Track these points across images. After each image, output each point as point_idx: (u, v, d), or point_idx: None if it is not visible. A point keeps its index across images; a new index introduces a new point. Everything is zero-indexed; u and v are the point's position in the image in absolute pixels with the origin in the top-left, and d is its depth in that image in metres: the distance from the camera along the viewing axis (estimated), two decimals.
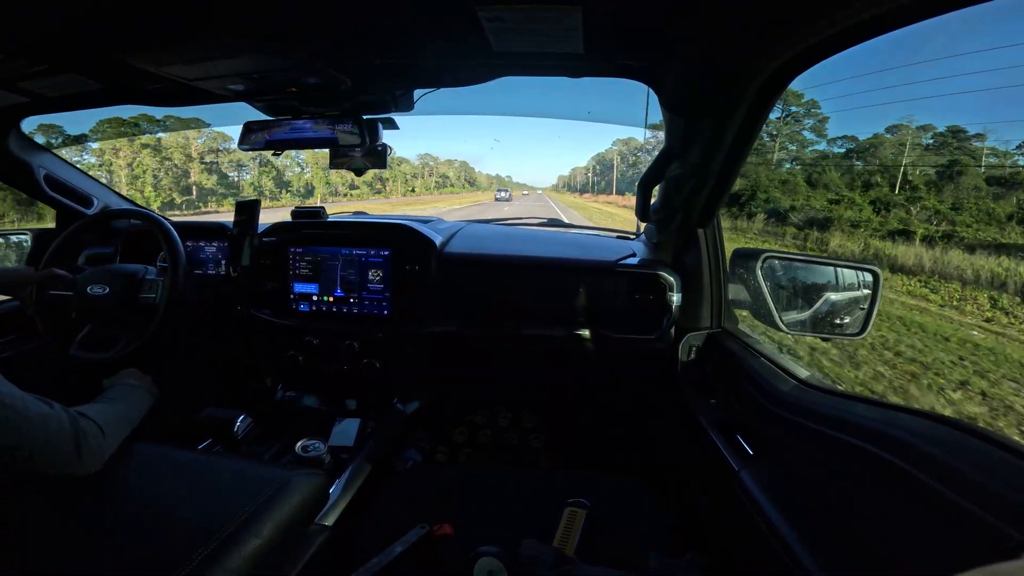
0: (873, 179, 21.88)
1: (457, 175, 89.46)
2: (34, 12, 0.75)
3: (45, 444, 0.70)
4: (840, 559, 0.60)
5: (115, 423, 0.85)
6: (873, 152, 23.62)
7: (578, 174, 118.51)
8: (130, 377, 1.05)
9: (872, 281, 1.03)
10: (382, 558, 0.83)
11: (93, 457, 0.77)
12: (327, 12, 0.78)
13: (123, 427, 0.88)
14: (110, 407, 0.88)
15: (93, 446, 0.77)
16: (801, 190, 20.63)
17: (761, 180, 21.16)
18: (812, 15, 0.58)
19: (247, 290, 1.46)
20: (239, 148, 1.23)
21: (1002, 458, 0.48)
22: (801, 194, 20.28)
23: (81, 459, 0.75)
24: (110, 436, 0.82)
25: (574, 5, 0.68)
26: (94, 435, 0.78)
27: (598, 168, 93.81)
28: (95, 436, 0.78)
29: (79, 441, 0.74)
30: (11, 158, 1.39)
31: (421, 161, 78.28)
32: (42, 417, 0.71)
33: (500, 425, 1.72)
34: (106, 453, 0.80)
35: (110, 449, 0.82)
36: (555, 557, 0.78)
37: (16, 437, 0.67)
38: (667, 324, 1.25)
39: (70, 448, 0.73)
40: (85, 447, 0.75)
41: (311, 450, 1.14)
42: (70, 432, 0.74)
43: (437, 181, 78.48)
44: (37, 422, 0.69)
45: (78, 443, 0.74)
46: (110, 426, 0.83)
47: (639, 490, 1.02)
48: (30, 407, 0.70)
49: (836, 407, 0.72)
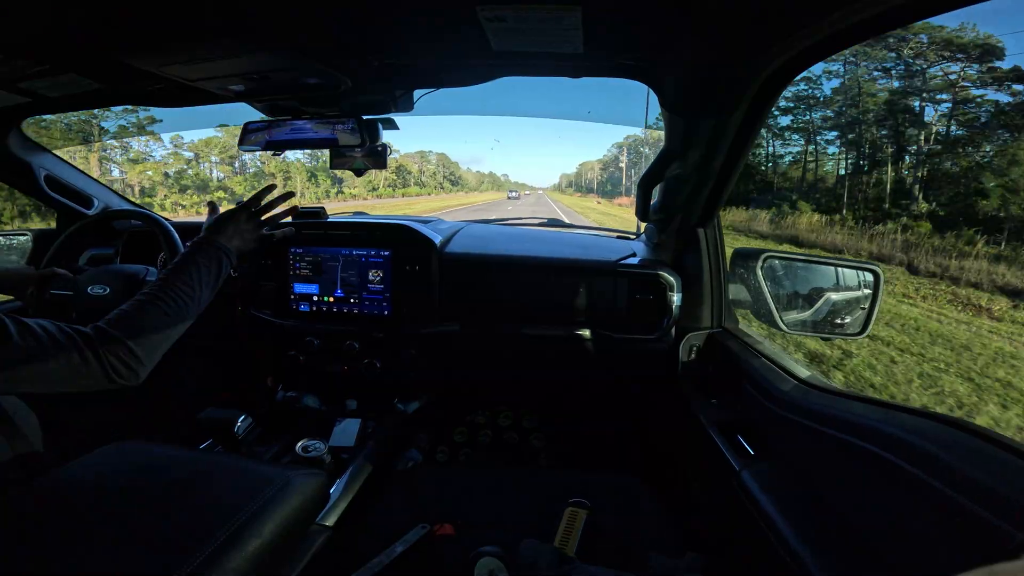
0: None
1: (432, 172, 69.48)
2: (34, 12, 0.75)
3: (39, 365, 0.64)
4: (841, 559, 0.60)
5: (139, 314, 0.75)
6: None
7: (589, 170, 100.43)
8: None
9: (873, 281, 1.03)
10: (383, 558, 0.83)
11: (126, 368, 0.70)
12: (327, 13, 0.78)
13: (160, 314, 0.76)
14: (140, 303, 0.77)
15: (122, 356, 0.69)
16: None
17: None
18: (812, 15, 0.58)
19: (248, 290, 1.46)
20: (239, 148, 1.23)
21: (1002, 458, 0.48)
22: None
23: (108, 376, 0.69)
24: (145, 340, 0.73)
25: (574, 5, 0.68)
26: (120, 342, 0.69)
27: (621, 162, 71.02)
28: (122, 344, 0.69)
29: (85, 353, 0.67)
30: (11, 158, 1.39)
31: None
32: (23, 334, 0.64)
33: (500, 425, 1.72)
34: (145, 363, 0.72)
35: (152, 356, 0.74)
36: (555, 557, 0.78)
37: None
38: (667, 324, 1.25)
39: (76, 361, 0.67)
40: (101, 357, 0.68)
41: (311, 450, 1.14)
42: (67, 344, 0.67)
43: (390, 179, 56.80)
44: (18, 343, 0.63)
45: (85, 355, 0.67)
46: (129, 317, 0.73)
47: (640, 490, 1.02)
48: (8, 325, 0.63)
49: (837, 407, 0.72)
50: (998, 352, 5.93)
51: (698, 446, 1.02)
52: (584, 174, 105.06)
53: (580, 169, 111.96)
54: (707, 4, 0.64)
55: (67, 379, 0.68)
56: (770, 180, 17.57)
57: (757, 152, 17.40)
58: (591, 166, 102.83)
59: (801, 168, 17.39)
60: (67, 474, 0.83)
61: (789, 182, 17.39)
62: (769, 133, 17.38)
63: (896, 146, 15.48)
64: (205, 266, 0.86)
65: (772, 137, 17.70)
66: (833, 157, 17.32)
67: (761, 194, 17.02)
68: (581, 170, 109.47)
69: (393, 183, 51.49)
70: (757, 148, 17.68)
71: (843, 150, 17.03)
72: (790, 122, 17.71)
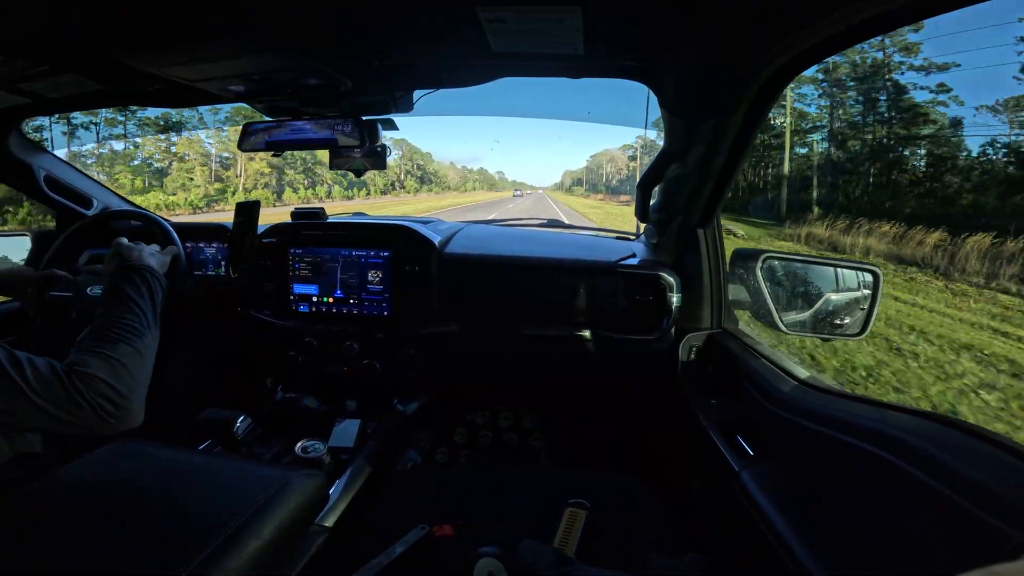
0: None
1: (397, 167, 46.85)
2: (34, 12, 0.75)
3: (30, 403, 0.63)
4: (840, 559, 0.60)
5: (121, 351, 0.73)
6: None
7: (608, 161, 70.74)
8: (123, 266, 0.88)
9: (872, 281, 1.03)
10: (382, 559, 0.83)
11: (112, 405, 0.68)
12: (327, 13, 0.78)
13: (135, 348, 0.75)
14: (111, 332, 0.75)
15: (103, 391, 0.67)
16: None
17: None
18: (812, 15, 0.58)
19: (247, 291, 1.46)
20: (239, 149, 1.23)
21: (1002, 458, 0.48)
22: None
23: (98, 414, 0.67)
24: (122, 372, 0.71)
25: (574, 5, 0.68)
26: (97, 379, 0.67)
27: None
28: (99, 380, 0.67)
29: (72, 392, 0.65)
30: (11, 159, 1.39)
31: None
32: (13, 365, 0.63)
33: (500, 426, 1.71)
34: (129, 396, 0.70)
35: (133, 388, 0.71)
36: (555, 558, 0.78)
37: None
38: (667, 324, 1.25)
39: (67, 400, 0.65)
40: (88, 398, 0.66)
41: (311, 451, 1.14)
42: (56, 382, 0.65)
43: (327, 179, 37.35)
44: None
45: (72, 394, 0.65)
46: (113, 360, 0.71)
47: (639, 491, 1.02)
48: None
49: (836, 407, 0.72)
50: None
51: (698, 447, 1.02)
52: (600, 168, 74.84)
53: (592, 163, 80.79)
54: (707, 4, 0.64)
55: (56, 417, 0.65)
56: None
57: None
58: (611, 156, 70.21)
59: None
60: (67, 474, 0.83)
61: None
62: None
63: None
64: (135, 291, 0.84)
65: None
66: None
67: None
68: (594, 164, 79.20)
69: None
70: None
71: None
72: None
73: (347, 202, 32.95)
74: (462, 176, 77.39)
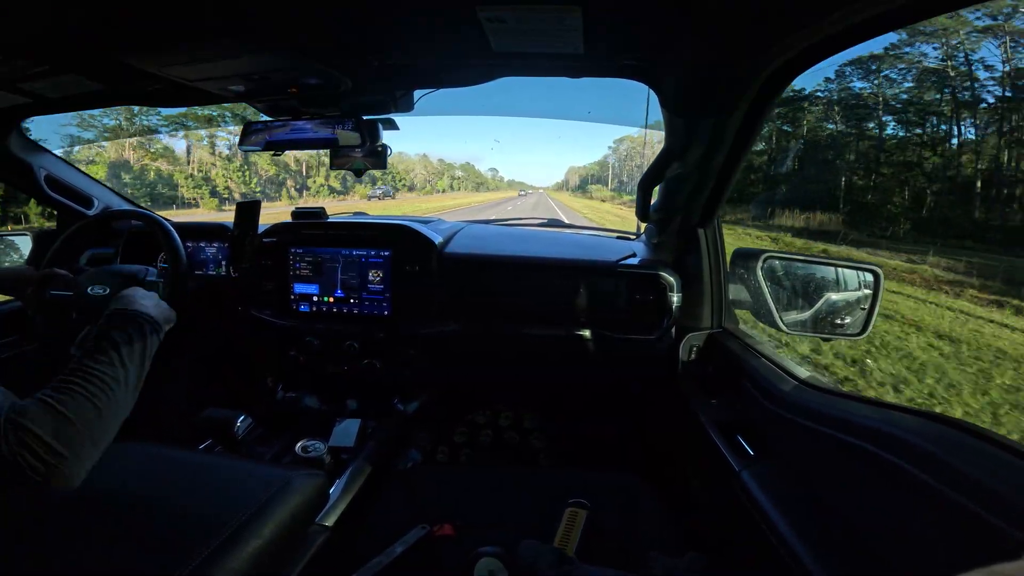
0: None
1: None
2: (34, 12, 0.75)
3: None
4: (841, 559, 0.60)
5: (86, 406, 0.63)
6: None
7: (635, 149, 56.69)
8: (124, 314, 0.78)
9: (873, 281, 1.03)
10: (382, 558, 0.83)
11: (40, 462, 0.58)
12: (327, 13, 0.78)
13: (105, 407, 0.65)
14: (80, 385, 0.65)
15: (31, 447, 0.58)
16: None
17: None
18: (812, 15, 0.58)
19: (248, 291, 1.46)
20: (239, 148, 1.23)
21: (1002, 458, 0.48)
22: None
23: (22, 469, 0.57)
24: (67, 429, 0.61)
25: (574, 5, 0.68)
26: (31, 432, 0.58)
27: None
28: (31, 433, 0.58)
29: (14, 443, 0.57)
30: (11, 159, 1.39)
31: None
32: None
33: (500, 425, 1.71)
34: (65, 456, 0.60)
35: (75, 448, 0.61)
36: (555, 557, 0.78)
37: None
38: (667, 324, 1.25)
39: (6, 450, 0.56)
40: (14, 450, 0.57)
41: (311, 450, 1.14)
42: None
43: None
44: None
45: (14, 445, 0.57)
46: (77, 414, 0.62)
47: (640, 490, 1.02)
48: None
49: (836, 407, 0.72)
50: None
51: (698, 446, 1.02)
52: (630, 158, 57.83)
53: (611, 152, 62.34)
54: (707, 4, 0.64)
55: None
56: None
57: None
58: (639, 143, 54.95)
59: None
60: None
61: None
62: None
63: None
64: (124, 342, 0.74)
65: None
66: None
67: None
68: (608, 156, 62.63)
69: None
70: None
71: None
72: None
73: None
74: (436, 172, 62.78)
